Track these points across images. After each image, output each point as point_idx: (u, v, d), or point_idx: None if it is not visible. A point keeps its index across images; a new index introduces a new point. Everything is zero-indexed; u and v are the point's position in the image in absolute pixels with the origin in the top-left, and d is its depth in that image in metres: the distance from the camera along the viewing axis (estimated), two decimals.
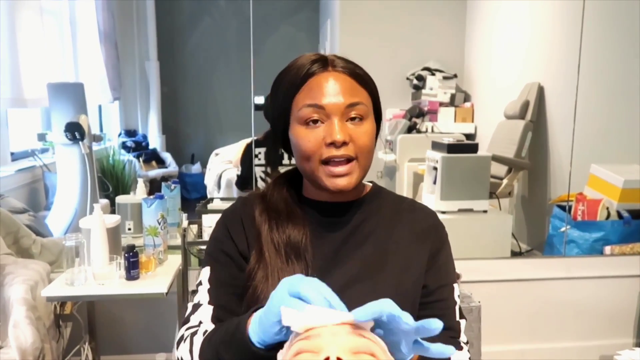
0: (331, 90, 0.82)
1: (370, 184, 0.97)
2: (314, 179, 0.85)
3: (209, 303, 0.88)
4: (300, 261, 0.85)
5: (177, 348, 0.87)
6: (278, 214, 0.89)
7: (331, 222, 0.90)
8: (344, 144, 0.81)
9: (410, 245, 0.90)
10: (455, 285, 0.93)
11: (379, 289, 0.69)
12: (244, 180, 2.90)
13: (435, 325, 0.60)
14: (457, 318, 0.91)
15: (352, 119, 0.83)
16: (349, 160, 0.83)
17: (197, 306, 0.89)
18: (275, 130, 0.92)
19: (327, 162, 0.83)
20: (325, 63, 0.85)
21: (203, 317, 0.87)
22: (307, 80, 0.84)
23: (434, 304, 0.89)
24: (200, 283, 0.91)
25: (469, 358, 0.89)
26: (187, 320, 0.89)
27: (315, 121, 0.82)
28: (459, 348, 0.89)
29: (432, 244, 0.91)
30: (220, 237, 0.92)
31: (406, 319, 0.61)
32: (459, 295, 0.93)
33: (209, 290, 0.89)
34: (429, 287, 0.89)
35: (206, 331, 0.83)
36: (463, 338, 0.91)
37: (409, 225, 0.92)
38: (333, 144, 0.81)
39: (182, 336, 0.86)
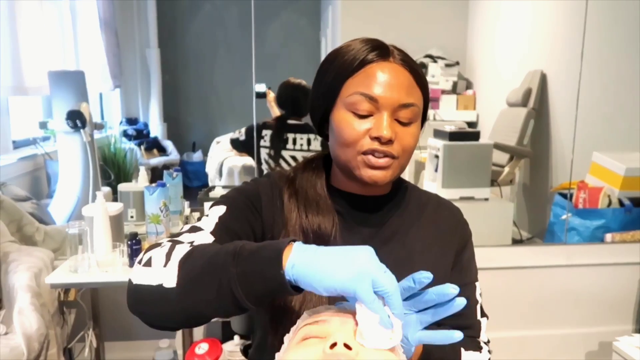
0: (388, 83, 0.79)
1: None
2: (349, 168, 0.82)
3: (212, 234, 0.79)
4: None
5: (144, 251, 0.74)
6: (308, 201, 0.85)
7: (359, 215, 0.88)
8: (390, 141, 0.78)
9: (435, 245, 0.89)
10: (477, 283, 0.91)
11: None
12: (242, 144, 2.80)
13: (451, 289, 0.64)
14: (478, 317, 0.90)
15: (402, 119, 0.80)
16: (390, 156, 0.80)
17: (196, 228, 0.80)
18: (315, 110, 0.87)
19: (367, 153, 0.80)
20: (386, 52, 0.81)
21: (198, 242, 0.76)
22: (365, 66, 0.80)
23: None
24: (207, 215, 0.83)
25: (489, 359, 0.88)
26: (176, 235, 0.79)
27: (363, 115, 0.79)
28: (478, 348, 0.87)
29: (457, 243, 0.91)
30: (249, 193, 0.86)
31: (426, 275, 0.65)
32: (480, 294, 0.91)
33: (217, 224, 0.81)
34: None
35: (192, 243, 0.73)
36: (483, 337, 0.90)
37: (435, 223, 0.91)
38: (378, 139, 0.78)
39: (159, 242, 0.76)
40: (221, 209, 0.83)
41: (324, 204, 0.85)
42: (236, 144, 2.83)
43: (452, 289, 0.63)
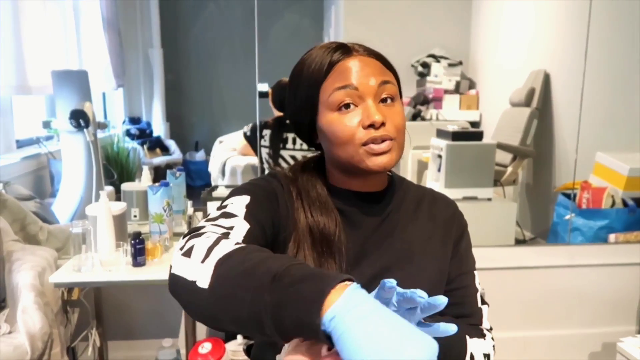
0: (362, 71, 0.81)
1: (389, 173, 0.96)
2: (353, 164, 0.82)
3: (245, 219, 0.76)
4: (333, 253, 0.82)
5: (187, 237, 0.69)
6: (311, 201, 0.86)
7: (360, 212, 0.88)
8: (383, 124, 0.80)
9: (435, 236, 0.91)
10: (475, 272, 0.93)
11: (409, 281, 0.69)
12: (247, 139, 2.83)
13: (441, 300, 0.59)
14: (479, 305, 0.91)
15: (384, 100, 0.82)
16: (388, 139, 0.81)
17: (229, 215, 0.76)
18: (299, 125, 0.89)
19: (366, 143, 0.80)
20: (348, 49, 0.84)
21: (236, 229, 0.73)
22: (334, 66, 0.82)
23: (455, 291, 0.89)
24: (232, 202, 0.80)
25: (493, 346, 0.89)
26: (212, 220, 0.75)
27: (347, 105, 0.80)
28: (481, 335, 0.88)
29: (455, 234, 0.92)
30: (265, 188, 0.85)
31: (420, 292, 0.60)
32: (479, 283, 0.93)
33: (246, 213, 0.78)
34: (450, 275, 0.90)
35: (231, 232, 0.70)
36: (486, 325, 0.91)
37: (433, 216, 0.93)
38: (372, 126, 0.79)
39: (201, 227, 0.71)
40: (245, 199, 0.81)
41: (326, 204, 0.86)
42: (246, 137, 2.84)
43: (442, 299, 0.60)
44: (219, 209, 0.80)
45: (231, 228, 0.73)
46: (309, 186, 0.88)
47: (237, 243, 0.65)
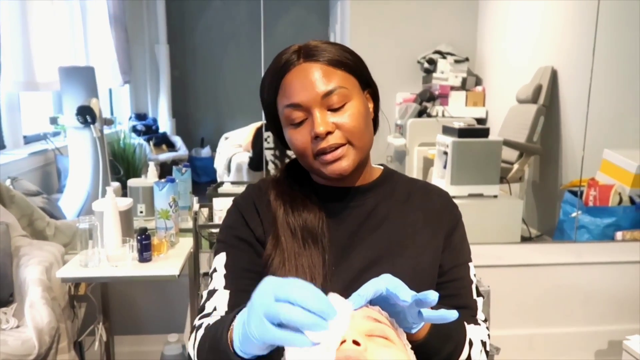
0: (303, 84, 0.81)
1: (381, 168, 0.97)
2: (315, 172, 0.86)
3: (225, 288, 0.87)
4: (317, 246, 0.85)
5: (189, 337, 0.85)
6: (293, 199, 0.89)
7: (344, 206, 0.90)
8: (329, 133, 0.81)
9: (425, 228, 0.90)
10: (470, 264, 0.93)
11: (397, 272, 0.70)
12: (257, 162, 2.91)
13: (432, 296, 0.63)
14: (474, 296, 0.91)
15: (334, 106, 0.81)
16: (339, 146, 0.82)
17: (212, 292, 0.88)
18: (273, 134, 0.93)
19: (319, 154, 0.82)
20: (295, 57, 0.84)
21: (218, 303, 0.86)
22: (282, 79, 0.84)
23: (450, 283, 0.89)
24: (214, 270, 0.90)
25: (488, 335, 0.90)
26: (202, 309, 0.88)
27: (299, 123, 0.82)
28: (477, 324, 0.89)
29: (447, 225, 0.92)
30: (234, 224, 0.92)
31: (403, 295, 0.64)
32: (474, 274, 0.93)
33: (225, 276, 0.88)
34: (444, 267, 0.89)
35: (209, 325, 0.81)
36: (480, 316, 0.92)
37: (423, 207, 0.92)
38: (318, 137, 0.81)
39: (194, 326, 0.86)
40: (222, 258, 0.89)
41: (308, 200, 0.89)
42: (253, 165, 2.93)
43: (433, 295, 0.64)
44: (205, 274, 0.95)
45: (214, 309, 0.85)
46: (291, 184, 0.91)
47: (208, 325, 0.79)
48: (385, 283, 0.65)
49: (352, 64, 0.85)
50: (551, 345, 2.40)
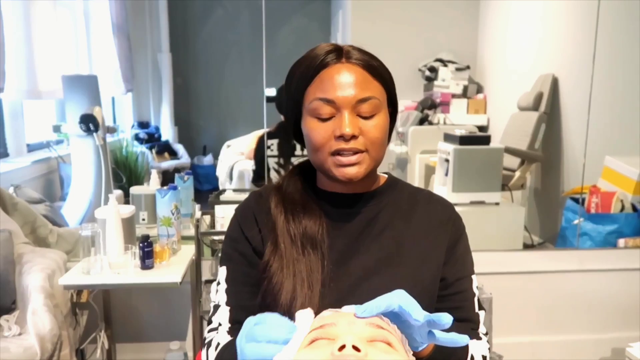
0: (342, 83, 0.82)
1: (386, 176, 0.97)
2: (324, 170, 0.86)
3: (227, 304, 0.89)
4: (316, 252, 0.85)
5: (201, 350, 0.89)
6: (294, 205, 0.89)
7: (346, 213, 0.90)
8: (353, 137, 0.81)
9: (427, 238, 0.90)
10: (473, 276, 0.92)
11: (397, 282, 0.70)
12: (259, 174, 2.92)
13: (446, 320, 0.64)
14: (476, 310, 0.91)
15: (363, 114, 0.82)
16: (358, 152, 0.82)
17: (216, 307, 0.90)
18: (288, 121, 0.93)
19: (335, 153, 0.82)
20: (339, 54, 0.84)
21: (221, 319, 0.88)
22: (320, 72, 0.83)
23: (453, 296, 0.89)
24: (218, 282, 0.92)
25: (489, 348, 0.90)
26: (209, 322, 0.91)
27: (326, 119, 0.82)
28: (478, 339, 0.89)
29: (449, 237, 0.91)
30: (234, 235, 0.92)
31: (416, 315, 0.65)
32: (477, 287, 0.93)
33: (227, 290, 0.90)
34: (447, 279, 0.89)
35: (218, 344, 0.84)
36: (482, 329, 0.91)
37: (426, 217, 0.92)
38: (342, 137, 0.81)
39: (205, 340, 0.89)
40: (224, 272, 0.92)
41: (309, 206, 0.89)
42: (255, 178, 2.94)
43: (447, 319, 0.65)
44: (207, 282, 0.99)
45: (219, 324, 0.89)
46: (293, 190, 0.91)
47: (217, 345, 0.84)
48: (399, 300, 0.66)
49: (388, 80, 0.87)
50: (554, 352, 2.38)
